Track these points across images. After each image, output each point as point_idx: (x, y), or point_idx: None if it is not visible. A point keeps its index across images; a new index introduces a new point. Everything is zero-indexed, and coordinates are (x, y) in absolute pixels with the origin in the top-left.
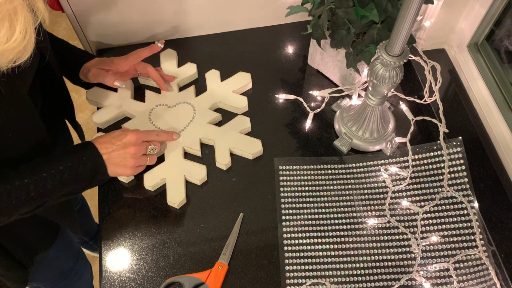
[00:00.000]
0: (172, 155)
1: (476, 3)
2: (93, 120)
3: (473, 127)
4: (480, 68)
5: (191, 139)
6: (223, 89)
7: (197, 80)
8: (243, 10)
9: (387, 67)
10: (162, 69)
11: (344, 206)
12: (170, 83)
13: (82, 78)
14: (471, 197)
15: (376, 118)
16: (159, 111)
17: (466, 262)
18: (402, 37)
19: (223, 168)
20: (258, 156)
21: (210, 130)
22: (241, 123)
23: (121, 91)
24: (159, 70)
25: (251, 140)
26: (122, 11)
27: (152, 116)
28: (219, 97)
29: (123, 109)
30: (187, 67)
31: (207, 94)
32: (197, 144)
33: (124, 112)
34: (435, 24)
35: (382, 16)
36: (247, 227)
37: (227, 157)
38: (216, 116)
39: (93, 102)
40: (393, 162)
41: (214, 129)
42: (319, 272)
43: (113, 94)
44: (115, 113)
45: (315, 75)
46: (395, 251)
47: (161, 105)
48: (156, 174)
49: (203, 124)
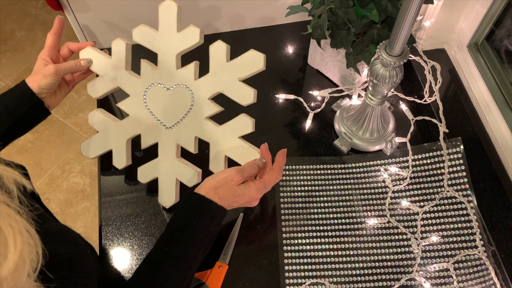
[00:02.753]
0: (166, 152)
1: (476, 3)
2: (88, 92)
3: (473, 127)
4: (480, 68)
5: (186, 136)
6: (228, 74)
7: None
8: (243, 10)
9: (387, 67)
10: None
11: (344, 206)
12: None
13: (48, 102)
14: (471, 197)
15: (376, 118)
16: (154, 93)
17: (466, 262)
18: (402, 37)
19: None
20: None
21: (208, 128)
22: (242, 126)
23: (115, 56)
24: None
25: (249, 151)
26: (123, 11)
27: (147, 97)
28: (222, 86)
29: (117, 82)
30: (189, 32)
31: (209, 78)
32: (191, 142)
33: (119, 86)
34: (435, 24)
35: (382, 16)
36: (247, 227)
37: (222, 165)
38: (216, 110)
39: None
40: (393, 162)
41: (211, 128)
42: (319, 272)
43: (107, 60)
44: (110, 87)
45: (315, 75)
46: (395, 251)
47: (157, 85)
48: (150, 169)
49: (200, 119)
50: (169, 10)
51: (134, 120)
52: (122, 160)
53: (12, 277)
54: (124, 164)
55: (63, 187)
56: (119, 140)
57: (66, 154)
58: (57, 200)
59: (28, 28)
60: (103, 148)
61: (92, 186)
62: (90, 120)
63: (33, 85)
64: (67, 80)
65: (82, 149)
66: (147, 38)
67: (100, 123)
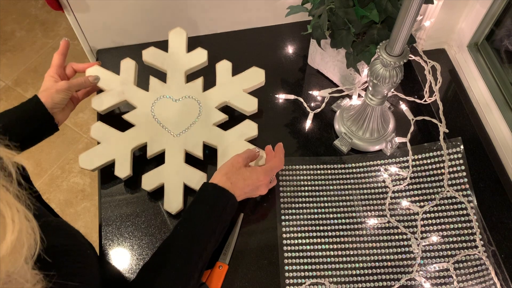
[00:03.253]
0: (173, 158)
1: (476, 3)
2: (92, 105)
3: (473, 127)
4: (480, 68)
5: (194, 142)
6: (233, 86)
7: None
8: (243, 10)
9: (387, 67)
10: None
11: (344, 206)
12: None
13: (57, 118)
14: (471, 197)
15: (376, 118)
16: (162, 104)
17: (466, 262)
18: (402, 37)
19: None
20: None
21: (215, 133)
22: (248, 130)
23: (124, 73)
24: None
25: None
26: (123, 11)
27: (155, 109)
28: (228, 96)
29: (125, 96)
30: (197, 53)
31: (216, 90)
32: (199, 148)
33: (125, 100)
34: (435, 24)
35: (382, 16)
36: (247, 227)
37: None
38: (223, 118)
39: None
40: (393, 162)
41: (219, 133)
42: (319, 272)
43: (115, 77)
44: (116, 100)
45: (315, 75)
46: (395, 251)
47: (166, 97)
48: (155, 177)
49: (208, 126)
50: (180, 35)
51: (140, 130)
52: (126, 169)
53: (9, 259)
54: (127, 173)
55: (63, 187)
56: (123, 150)
57: (66, 154)
58: (57, 200)
59: (28, 28)
60: (105, 158)
61: (92, 186)
62: (93, 132)
63: (46, 100)
64: (73, 97)
65: (80, 161)
66: (157, 58)
67: (104, 134)
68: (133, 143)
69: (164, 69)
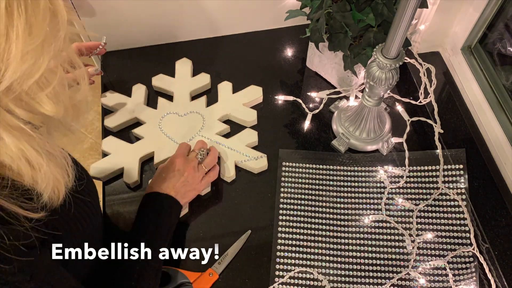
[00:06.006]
0: None
1: (469, 7)
2: (105, 124)
3: (467, 127)
4: (474, 70)
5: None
6: (234, 102)
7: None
8: (243, 14)
9: (383, 69)
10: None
11: (340, 203)
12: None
13: None
14: (465, 195)
15: (372, 118)
16: (169, 119)
17: (460, 259)
18: (397, 40)
19: (228, 181)
20: (263, 170)
21: (218, 141)
22: (248, 137)
23: (135, 96)
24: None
25: (258, 155)
26: (124, 13)
27: (162, 123)
28: (229, 109)
29: (135, 114)
30: (201, 77)
31: (218, 105)
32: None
33: (135, 117)
34: (429, 27)
35: (378, 20)
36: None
37: (232, 170)
38: (225, 128)
39: (108, 107)
40: (389, 162)
41: (221, 140)
42: (314, 269)
43: (127, 99)
44: (127, 118)
45: (314, 77)
46: (390, 249)
47: (172, 113)
48: None
49: (211, 135)
50: (186, 64)
51: (148, 141)
52: (134, 176)
53: None
54: (135, 179)
55: None
56: (132, 158)
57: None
58: None
59: None
60: (114, 166)
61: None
62: (105, 145)
63: None
64: None
65: (91, 171)
66: (165, 83)
67: (114, 146)
68: (141, 152)
69: (171, 91)
